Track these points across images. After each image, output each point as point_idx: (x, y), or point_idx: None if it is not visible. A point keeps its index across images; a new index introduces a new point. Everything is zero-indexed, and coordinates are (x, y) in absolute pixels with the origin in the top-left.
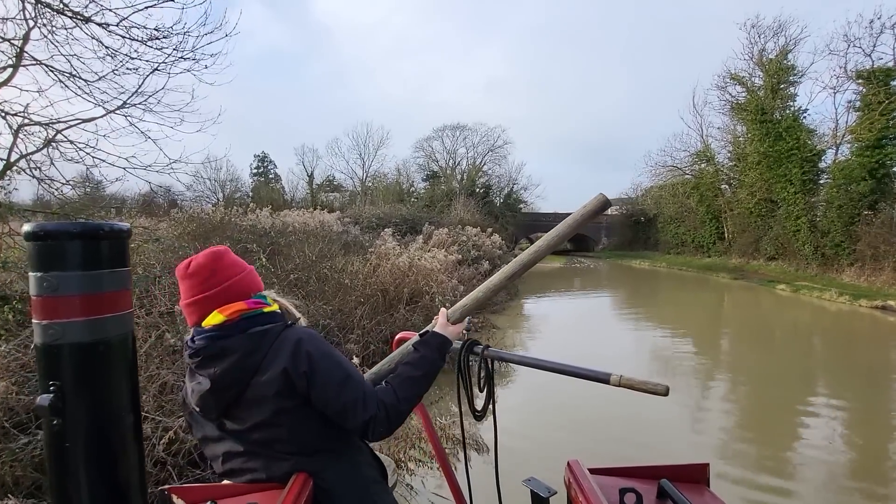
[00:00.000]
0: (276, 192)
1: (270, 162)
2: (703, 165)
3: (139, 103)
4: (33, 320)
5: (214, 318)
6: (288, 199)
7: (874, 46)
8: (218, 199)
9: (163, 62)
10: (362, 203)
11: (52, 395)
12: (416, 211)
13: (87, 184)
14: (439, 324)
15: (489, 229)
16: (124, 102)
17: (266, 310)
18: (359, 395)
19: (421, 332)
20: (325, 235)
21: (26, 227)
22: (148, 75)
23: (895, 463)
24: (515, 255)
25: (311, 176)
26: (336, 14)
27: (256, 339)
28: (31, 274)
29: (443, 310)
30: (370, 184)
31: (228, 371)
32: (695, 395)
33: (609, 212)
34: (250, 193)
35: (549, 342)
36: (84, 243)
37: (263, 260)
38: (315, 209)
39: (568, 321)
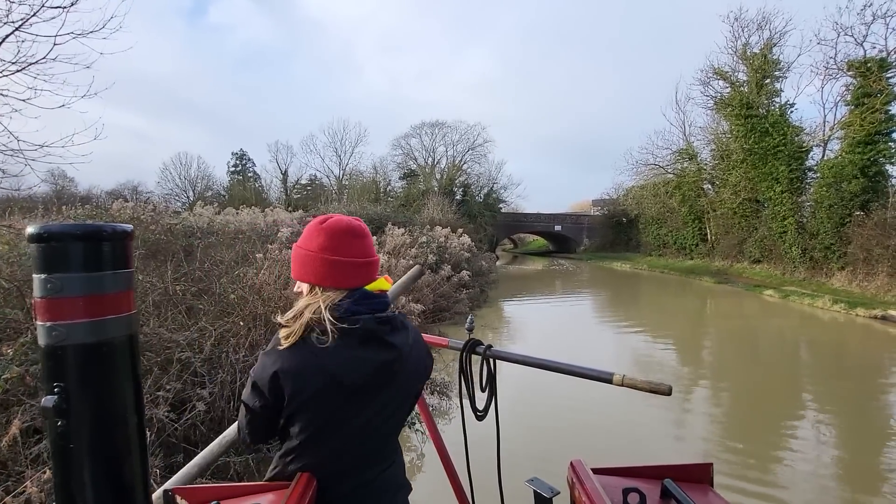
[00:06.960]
0: (250, 190)
1: (249, 160)
2: (685, 164)
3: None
4: (37, 322)
5: (383, 284)
6: (265, 198)
7: (865, 36)
8: (189, 198)
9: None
10: (337, 201)
11: (56, 397)
12: (388, 210)
13: None
14: None
15: (460, 230)
16: None
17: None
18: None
19: None
20: (250, 237)
21: (30, 230)
22: (5, 38)
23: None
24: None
25: (284, 174)
26: (323, 7)
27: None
28: (35, 276)
29: None
30: (346, 182)
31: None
32: (687, 419)
33: (590, 212)
34: (223, 192)
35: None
36: (86, 245)
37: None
38: (285, 207)
39: (549, 328)
